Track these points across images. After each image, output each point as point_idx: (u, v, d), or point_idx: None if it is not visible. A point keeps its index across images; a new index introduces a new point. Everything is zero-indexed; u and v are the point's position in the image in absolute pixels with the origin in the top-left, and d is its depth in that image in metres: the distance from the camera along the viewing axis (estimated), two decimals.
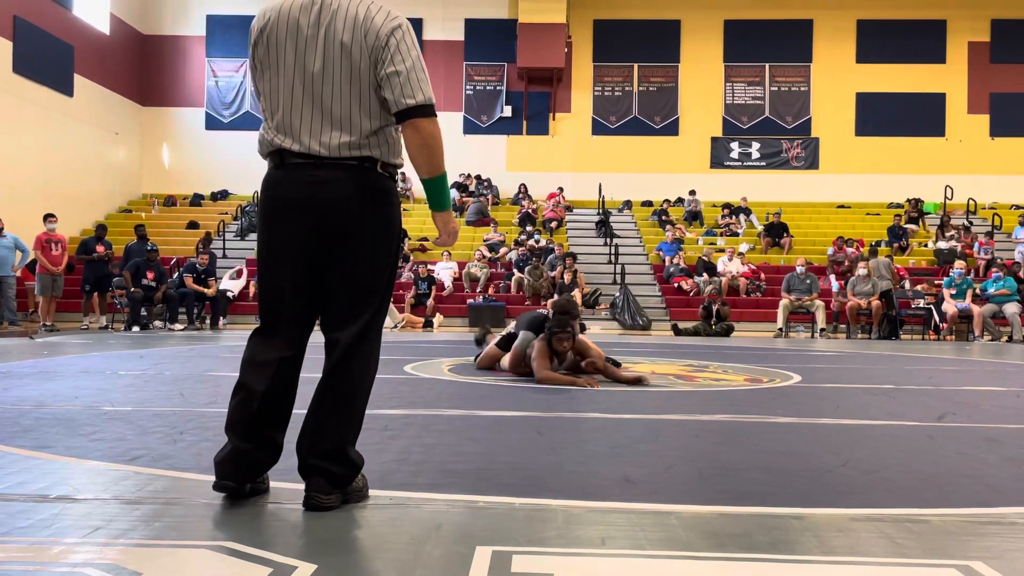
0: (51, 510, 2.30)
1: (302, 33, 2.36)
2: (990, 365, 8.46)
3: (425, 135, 2.35)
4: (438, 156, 2.39)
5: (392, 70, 2.32)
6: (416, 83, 2.35)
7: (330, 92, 2.36)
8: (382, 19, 2.34)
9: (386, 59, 2.33)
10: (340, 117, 2.36)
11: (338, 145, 2.36)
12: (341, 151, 2.36)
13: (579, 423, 4.02)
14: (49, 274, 13.24)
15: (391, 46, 2.33)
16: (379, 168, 2.41)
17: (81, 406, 4.35)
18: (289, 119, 2.39)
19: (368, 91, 2.36)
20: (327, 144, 2.36)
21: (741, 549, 2.04)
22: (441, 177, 2.42)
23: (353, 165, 2.37)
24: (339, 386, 2.41)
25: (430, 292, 16.19)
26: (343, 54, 2.33)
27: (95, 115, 20.03)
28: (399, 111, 2.35)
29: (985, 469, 3.03)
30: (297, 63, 2.37)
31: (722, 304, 14.95)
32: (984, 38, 22.24)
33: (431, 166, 2.39)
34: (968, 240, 18.39)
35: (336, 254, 2.40)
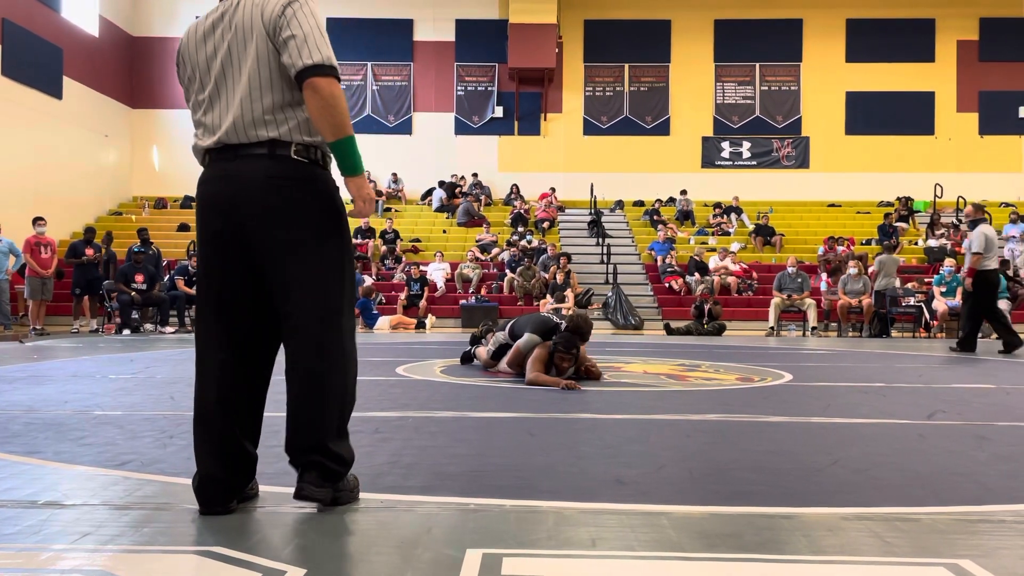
0: (39, 516, 2.29)
1: (211, 40, 2.42)
2: (980, 362, 8.50)
3: (325, 95, 2.28)
4: (341, 116, 2.30)
5: (288, 34, 2.31)
6: (313, 45, 2.30)
7: (243, 83, 2.35)
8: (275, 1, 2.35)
9: (282, 26, 2.32)
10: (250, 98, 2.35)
11: (244, 123, 2.34)
12: (248, 130, 2.34)
13: (571, 424, 4.02)
14: (39, 277, 13.16)
15: (287, 15, 2.32)
16: (292, 154, 2.36)
17: (71, 411, 4.33)
18: (210, 119, 2.42)
19: (272, 67, 2.35)
20: (237, 126, 2.35)
21: (732, 549, 2.05)
22: (347, 139, 2.33)
23: (263, 154, 2.34)
24: (303, 382, 2.42)
25: (422, 293, 16.17)
26: (246, 43, 2.36)
27: (84, 118, 19.94)
28: (297, 73, 2.30)
29: (975, 467, 3.04)
30: (212, 68, 2.41)
31: (714, 303, 14.98)
32: (973, 36, 22.34)
33: (335, 127, 2.30)
34: (958, 238, 18.46)
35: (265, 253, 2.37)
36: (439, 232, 20.14)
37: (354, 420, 3.99)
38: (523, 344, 6.00)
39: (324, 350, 2.40)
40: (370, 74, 22.58)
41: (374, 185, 21.86)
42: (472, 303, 15.91)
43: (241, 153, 2.35)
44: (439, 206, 21.33)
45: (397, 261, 18.07)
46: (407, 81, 22.61)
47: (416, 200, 22.31)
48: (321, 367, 2.40)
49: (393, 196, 22.10)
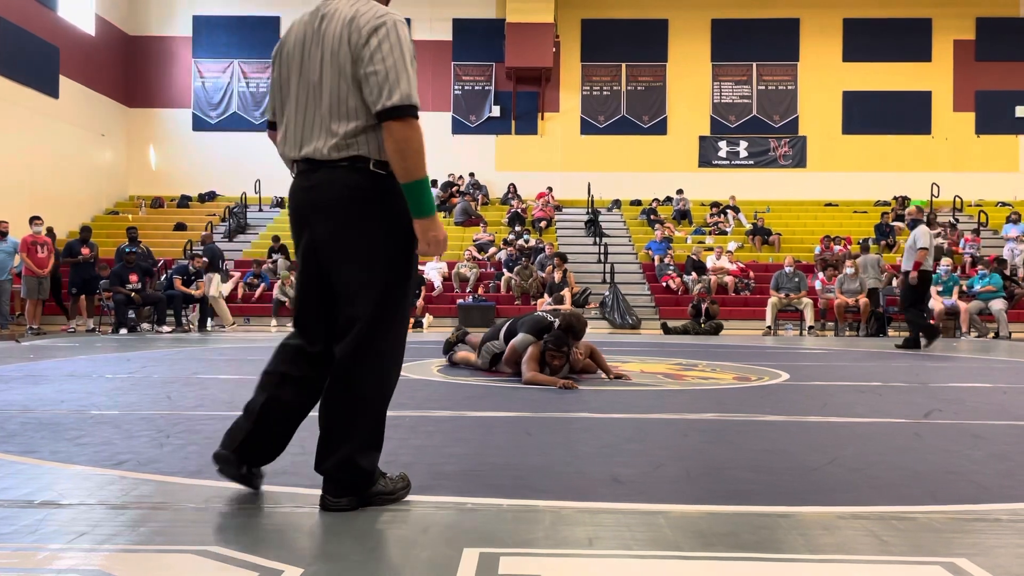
0: (36, 516, 2.29)
1: (305, 46, 2.42)
2: (976, 362, 8.51)
3: (397, 139, 2.29)
4: (412, 161, 2.30)
5: (371, 70, 2.30)
6: (394, 81, 2.29)
7: (327, 98, 2.37)
8: (367, 18, 2.33)
9: (366, 58, 2.30)
10: (332, 119, 2.36)
11: (327, 147, 2.36)
12: (330, 153, 2.36)
13: (568, 423, 4.02)
14: (35, 276, 13.14)
15: (371, 44, 2.30)
16: (371, 167, 2.36)
17: (67, 410, 4.32)
18: (292, 129, 2.46)
19: (356, 96, 2.34)
20: (320, 148, 2.37)
21: (728, 548, 2.05)
22: (417, 183, 2.31)
23: (343, 166, 2.36)
24: (338, 396, 2.40)
25: (419, 292, 16.17)
26: (333, 57, 2.35)
27: (81, 117, 19.91)
28: (375, 113, 2.31)
29: (971, 466, 3.05)
30: (302, 76, 2.43)
31: (711, 303, 14.99)
32: (969, 36, 22.38)
33: (405, 171, 2.30)
34: (954, 237, 18.50)
35: (329, 259, 2.41)
36: None
37: None
38: (518, 343, 6.01)
39: (363, 359, 2.39)
40: None
41: None
42: (469, 302, 15.91)
43: (321, 167, 2.39)
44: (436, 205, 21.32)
45: None
46: None
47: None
48: (358, 376, 2.39)
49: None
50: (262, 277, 16.73)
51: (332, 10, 2.39)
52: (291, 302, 2.42)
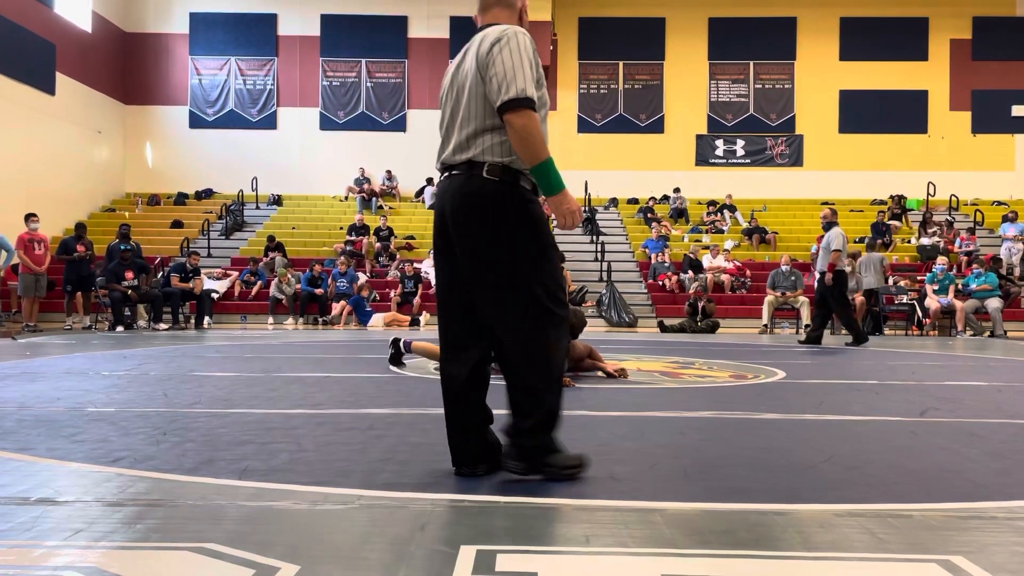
0: (32, 513, 2.28)
1: (455, 70, 2.77)
2: (972, 360, 8.53)
3: (518, 128, 2.53)
4: (534, 147, 2.53)
5: (491, 73, 2.57)
6: (511, 80, 2.53)
7: (462, 108, 2.67)
8: (495, 32, 2.62)
9: (488, 64, 2.58)
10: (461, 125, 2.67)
11: (453, 151, 2.67)
12: (455, 156, 2.67)
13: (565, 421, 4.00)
14: (32, 274, 13.11)
15: (492, 53, 2.58)
16: (485, 172, 2.60)
17: (64, 407, 4.31)
18: (442, 141, 2.77)
19: (479, 97, 2.62)
20: (450, 153, 2.69)
21: (725, 546, 2.05)
22: (542, 165, 2.56)
23: (463, 169, 2.64)
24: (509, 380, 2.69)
25: (416, 290, 16.17)
26: (469, 71, 2.65)
27: (77, 114, 19.88)
28: (497, 109, 2.56)
29: (967, 464, 3.05)
30: (452, 92, 2.75)
31: (707, 301, 15.01)
32: (966, 35, 22.42)
33: (530, 156, 2.55)
34: (950, 236, 18.54)
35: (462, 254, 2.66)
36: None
37: (348, 417, 4.01)
38: None
39: (521, 347, 2.63)
40: (364, 71, 22.55)
41: (368, 183, 21.85)
42: None
43: (452, 174, 2.68)
44: (432, 203, 21.31)
45: (391, 259, 18.05)
46: (401, 78, 22.58)
47: (410, 197, 22.30)
48: (517, 363, 2.64)
49: (387, 193, 22.08)
50: (259, 275, 16.71)
51: (478, 38, 2.71)
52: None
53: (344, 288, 15.79)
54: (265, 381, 5.67)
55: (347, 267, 16.26)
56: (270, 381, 5.68)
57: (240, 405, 4.41)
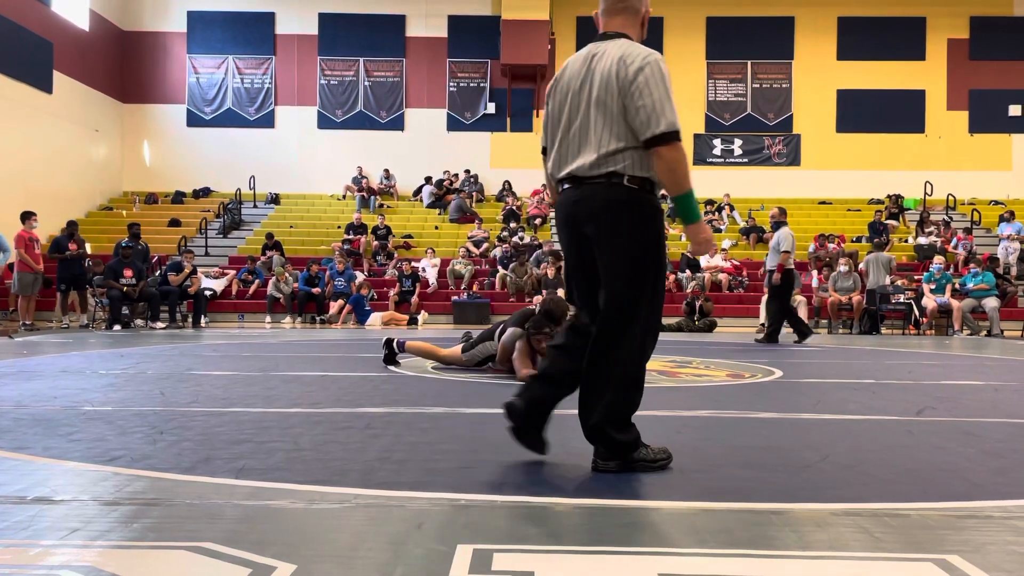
0: (28, 512, 2.28)
1: (577, 82, 2.85)
2: (969, 359, 8.54)
3: (667, 160, 2.71)
4: (681, 178, 2.73)
5: (640, 103, 2.70)
6: (660, 112, 2.69)
7: (593, 124, 2.79)
8: (634, 57, 2.74)
9: (634, 93, 2.70)
10: (596, 142, 2.78)
11: (589, 165, 2.79)
12: (591, 170, 2.79)
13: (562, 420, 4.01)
14: (32, 273, 13.11)
15: (639, 82, 2.70)
16: (625, 182, 2.77)
17: (60, 406, 4.31)
18: (560, 152, 2.90)
19: (618, 119, 2.75)
20: (583, 166, 2.80)
21: (722, 545, 2.05)
22: (685, 196, 2.75)
23: (601, 182, 2.78)
24: (594, 372, 2.82)
25: (414, 289, 16.17)
26: (601, 90, 2.76)
27: (75, 112, 19.85)
28: (645, 140, 2.71)
29: (963, 463, 3.06)
30: (572, 107, 2.85)
31: (705, 300, 15.02)
32: (963, 35, 22.44)
33: (675, 186, 2.74)
34: (947, 236, 18.56)
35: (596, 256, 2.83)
36: (431, 228, 20.13)
37: (345, 416, 4.01)
38: (507, 340, 5.96)
39: (616, 343, 2.80)
40: (362, 70, 22.54)
41: (366, 181, 21.85)
42: (464, 299, 15.91)
43: (584, 182, 2.82)
44: (430, 202, 21.32)
45: (389, 257, 18.05)
46: (399, 77, 22.57)
47: (408, 196, 22.29)
48: (610, 358, 2.79)
49: (385, 192, 22.07)
50: (256, 273, 16.70)
51: (602, 50, 2.82)
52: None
53: (342, 287, 15.78)
54: (262, 380, 5.66)
55: (345, 266, 16.25)
56: (267, 380, 5.67)
57: (237, 404, 4.41)
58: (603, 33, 2.90)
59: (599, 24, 2.94)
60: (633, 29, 2.91)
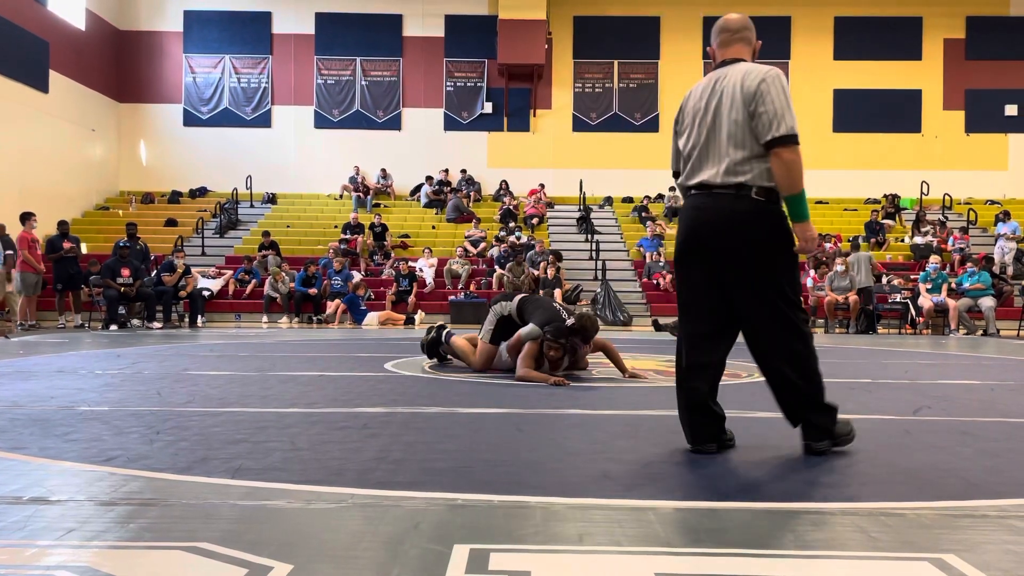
0: (24, 512, 2.28)
1: (701, 102, 3.14)
2: (965, 359, 8.56)
3: (785, 160, 2.97)
4: (795, 178, 2.98)
5: (762, 110, 2.98)
6: (780, 118, 2.97)
7: (721, 135, 3.04)
8: (756, 73, 3.04)
9: (757, 101, 2.99)
10: (724, 152, 3.03)
11: (720, 175, 3.02)
12: (722, 179, 3.02)
13: (559, 420, 4.02)
14: (35, 273, 13.16)
15: (761, 91, 3.00)
16: (753, 194, 3.01)
17: (56, 406, 4.30)
18: (690, 164, 3.15)
19: (744, 127, 3.01)
20: (713, 176, 3.04)
21: (718, 544, 2.05)
22: (798, 195, 3.01)
23: (730, 193, 3.02)
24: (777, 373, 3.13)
25: (411, 289, 16.16)
26: (728, 105, 3.04)
27: (71, 112, 19.81)
28: (765, 142, 2.98)
29: (959, 462, 3.06)
30: (700, 124, 3.12)
31: None
32: (959, 35, 22.48)
33: (789, 186, 3.00)
34: (943, 235, 18.58)
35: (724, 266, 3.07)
36: (428, 228, 20.12)
37: (342, 416, 4.01)
38: (525, 333, 5.84)
39: (786, 336, 3.08)
40: (359, 69, 22.52)
41: (363, 180, 21.83)
42: (461, 299, 15.90)
43: (715, 192, 3.05)
44: (427, 202, 21.32)
45: (386, 257, 18.04)
46: (396, 77, 22.56)
47: (405, 196, 22.28)
48: (790, 350, 3.08)
49: (382, 192, 22.06)
50: (253, 273, 16.69)
51: (725, 74, 3.12)
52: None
53: (339, 287, 15.77)
54: (259, 380, 5.66)
55: (343, 266, 16.24)
56: (264, 380, 5.67)
57: (234, 404, 4.40)
58: (723, 61, 3.20)
59: (715, 56, 3.26)
60: (748, 57, 3.21)
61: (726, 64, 3.17)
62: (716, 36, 3.26)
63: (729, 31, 3.23)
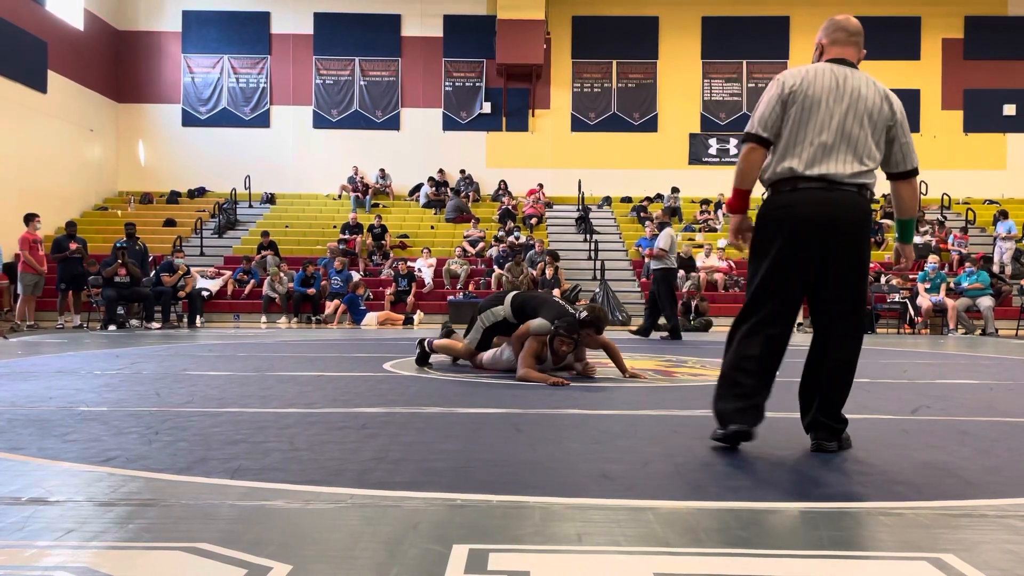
0: (23, 512, 2.28)
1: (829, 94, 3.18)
2: (964, 358, 8.56)
3: (915, 188, 3.32)
4: (917, 206, 3.38)
5: (904, 140, 3.22)
6: (913, 152, 3.26)
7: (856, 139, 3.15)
8: (883, 94, 3.21)
9: (898, 125, 3.20)
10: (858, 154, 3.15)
11: (849, 174, 3.13)
12: (850, 178, 3.14)
13: (558, 420, 4.02)
14: (35, 273, 13.17)
15: (899, 119, 3.20)
16: (869, 195, 3.22)
17: (55, 407, 4.30)
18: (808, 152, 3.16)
19: (877, 141, 3.18)
20: (841, 172, 3.13)
21: (717, 544, 2.06)
22: (914, 219, 3.40)
23: (854, 191, 3.16)
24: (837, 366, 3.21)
25: (410, 289, 16.16)
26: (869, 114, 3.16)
27: (70, 112, 19.80)
28: (902, 171, 3.25)
29: (958, 462, 3.07)
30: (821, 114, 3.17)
31: (700, 299, 15.03)
32: (958, 35, 22.49)
33: (912, 211, 3.36)
34: (942, 235, 18.59)
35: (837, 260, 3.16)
36: (427, 228, 20.12)
37: (341, 416, 4.01)
38: (535, 327, 5.72)
39: (853, 339, 3.23)
40: (358, 69, 22.51)
41: (362, 180, 21.81)
42: (460, 299, 15.90)
43: (842, 188, 3.15)
44: (426, 202, 21.32)
45: (385, 257, 18.04)
46: (395, 76, 22.56)
47: (404, 196, 22.27)
48: (851, 355, 3.21)
49: (381, 192, 22.06)
50: (252, 273, 16.68)
51: (848, 74, 3.22)
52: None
53: (338, 287, 15.77)
54: (258, 380, 5.66)
55: (343, 266, 16.25)
56: (263, 380, 5.67)
57: (233, 404, 4.40)
58: (839, 59, 3.28)
59: (824, 50, 3.36)
60: (855, 62, 3.31)
61: (844, 64, 3.27)
62: (832, 32, 3.36)
63: (846, 31, 3.34)
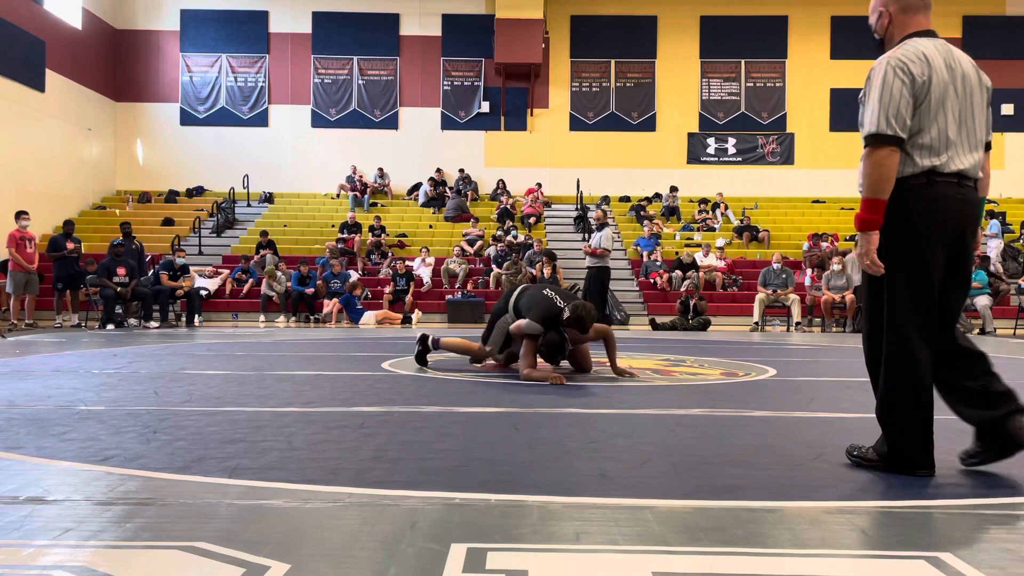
0: (21, 512, 2.27)
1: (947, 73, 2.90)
2: None
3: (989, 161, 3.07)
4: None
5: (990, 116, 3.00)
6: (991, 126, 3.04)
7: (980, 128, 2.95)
8: (978, 68, 3.02)
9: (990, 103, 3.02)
10: (981, 145, 2.96)
11: (977, 166, 2.94)
12: (976, 172, 2.95)
13: (556, 418, 4.03)
14: (23, 272, 13.09)
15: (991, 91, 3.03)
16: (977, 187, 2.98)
17: (53, 406, 4.30)
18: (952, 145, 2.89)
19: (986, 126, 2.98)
20: (973, 167, 2.92)
21: (715, 543, 2.06)
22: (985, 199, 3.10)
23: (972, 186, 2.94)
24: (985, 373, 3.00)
25: (408, 288, 16.15)
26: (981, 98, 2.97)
27: (67, 111, 19.77)
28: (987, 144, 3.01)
29: (955, 461, 3.07)
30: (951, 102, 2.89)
31: (699, 299, 15.04)
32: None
33: (988, 189, 3.10)
34: None
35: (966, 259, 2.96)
36: (425, 227, 20.11)
37: (339, 415, 4.00)
38: (525, 327, 5.80)
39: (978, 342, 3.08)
40: (356, 68, 22.50)
41: (360, 179, 21.81)
42: (458, 298, 15.90)
43: (966, 184, 2.92)
44: (425, 201, 21.31)
45: (383, 256, 18.03)
46: (393, 76, 22.54)
47: (402, 195, 22.27)
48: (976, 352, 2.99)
49: (379, 191, 22.05)
50: (250, 273, 16.67)
51: (948, 49, 2.97)
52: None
53: (337, 287, 15.76)
54: (256, 379, 5.66)
55: (341, 268, 16.24)
56: (261, 379, 5.67)
57: (231, 403, 4.40)
58: (930, 31, 3.02)
59: (893, 19, 3.07)
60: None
61: (926, 36, 2.98)
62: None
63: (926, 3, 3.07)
